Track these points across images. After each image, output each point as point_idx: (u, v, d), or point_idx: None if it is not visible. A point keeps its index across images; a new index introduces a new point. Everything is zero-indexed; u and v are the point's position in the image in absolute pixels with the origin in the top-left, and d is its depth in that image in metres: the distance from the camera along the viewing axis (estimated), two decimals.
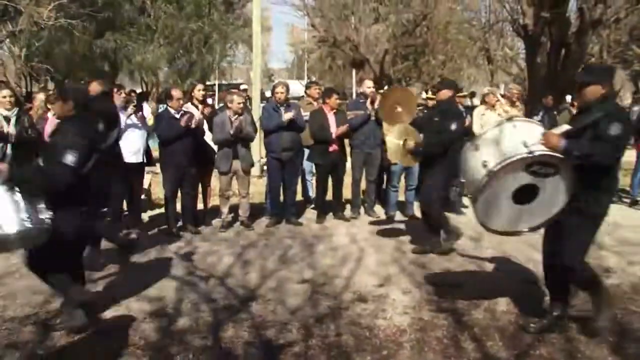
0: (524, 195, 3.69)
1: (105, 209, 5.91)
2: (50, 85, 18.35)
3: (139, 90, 22.82)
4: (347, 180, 7.73)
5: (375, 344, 3.82)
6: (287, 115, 6.92)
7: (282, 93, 7.15)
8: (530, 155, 3.53)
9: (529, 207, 3.74)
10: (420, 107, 8.32)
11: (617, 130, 3.54)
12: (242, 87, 12.97)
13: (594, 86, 3.74)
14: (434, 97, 8.69)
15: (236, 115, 6.73)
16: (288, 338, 3.89)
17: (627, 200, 8.85)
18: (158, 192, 8.96)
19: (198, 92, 7.35)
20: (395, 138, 6.11)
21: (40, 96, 6.89)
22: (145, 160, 6.78)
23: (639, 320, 4.21)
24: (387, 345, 3.80)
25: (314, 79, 27.75)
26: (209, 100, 12.42)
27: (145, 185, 8.11)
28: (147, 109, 11.25)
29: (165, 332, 3.96)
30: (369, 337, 3.92)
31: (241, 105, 6.82)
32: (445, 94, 5.89)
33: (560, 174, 3.64)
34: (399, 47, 22.38)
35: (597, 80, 3.74)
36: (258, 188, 8.95)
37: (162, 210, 7.58)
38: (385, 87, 11.31)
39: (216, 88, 26.56)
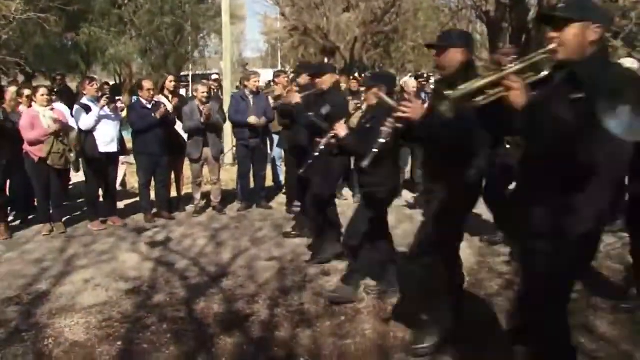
0: None
1: None
2: (21, 79, 18.23)
3: (112, 83, 22.89)
4: None
5: (335, 311, 4.17)
6: (251, 119, 7.14)
7: (256, 82, 7.42)
8: None
9: None
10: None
11: None
12: (213, 76, 13.16)
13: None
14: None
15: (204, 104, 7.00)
16: (255, 309, 4.23)
17: None
18: (133, 182, 9.19)
19: (170, 83, 7.60)
20: None
21: (12, 89, 7.05)
22: (119, 150, 6.99)
23: None
24: (346, 311, 4.15)
25: (288, 67, 27.89)
26: (182, 91, 12.61)
27: (121, 176, 8.32)
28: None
29: (142, 307, 4.27)
30: (329, 306, 4.26)
31: (205, 94, 7.10)
32: None
33: None
34: (369, 34, 22.67)
35: None
36: (230, 175, 9.22)
37: (137, 199, 7.84)
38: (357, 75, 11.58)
39: (190, 79, 26.60)
